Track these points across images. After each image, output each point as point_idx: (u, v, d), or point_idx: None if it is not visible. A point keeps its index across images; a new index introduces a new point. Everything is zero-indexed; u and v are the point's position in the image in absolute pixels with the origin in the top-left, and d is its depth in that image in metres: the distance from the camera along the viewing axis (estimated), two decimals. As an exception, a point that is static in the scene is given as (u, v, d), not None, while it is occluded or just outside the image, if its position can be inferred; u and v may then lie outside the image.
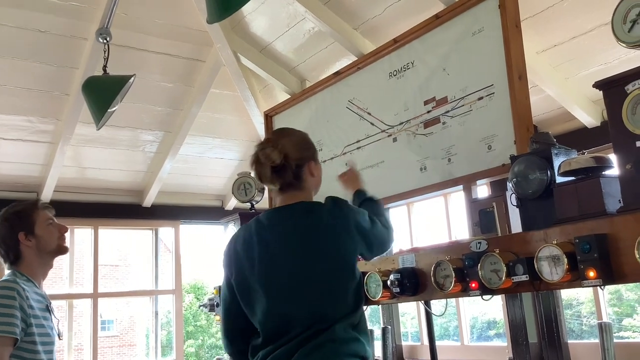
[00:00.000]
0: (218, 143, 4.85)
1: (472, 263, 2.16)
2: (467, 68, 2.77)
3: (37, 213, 2.47)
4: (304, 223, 1.92)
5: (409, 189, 3.05)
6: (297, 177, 1.97)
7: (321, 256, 1.87)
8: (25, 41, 3.59)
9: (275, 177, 1.94)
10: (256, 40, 4.03)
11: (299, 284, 1.84)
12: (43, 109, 4.01)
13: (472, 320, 11.54)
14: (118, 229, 5.23)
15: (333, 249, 1.88)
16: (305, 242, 1.88)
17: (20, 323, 2.20)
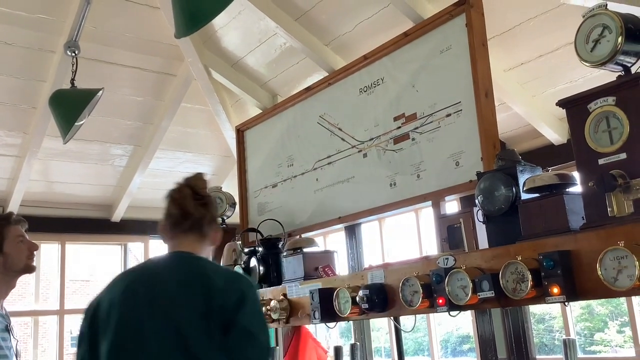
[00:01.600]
0: (189, 157, 4.81)
1: (439, 279, 2.16)
2: (436, 85, 2.80)
3: (8, 229, 2.39)
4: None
5: (380, 204, 3.05)
6: (210, 225, 1.86)
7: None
8: (-9, 53, 3.54)
9: (198, 207, 1.82)
10: (227, 54, 4.02)
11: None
12: (10, 122, 3.94)
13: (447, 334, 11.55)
14: (86, 244, 5.14)
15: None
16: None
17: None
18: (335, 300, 2.61)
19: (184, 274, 1.75)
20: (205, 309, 1.65)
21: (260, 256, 3.30)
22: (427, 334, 3.99)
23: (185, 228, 1.81)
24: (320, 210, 3.43)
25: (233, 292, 1.68)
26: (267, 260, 3.27)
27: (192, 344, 1.62)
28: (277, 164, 3.75)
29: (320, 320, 2.68)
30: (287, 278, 3.09)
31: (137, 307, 1.69)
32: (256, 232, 3.48)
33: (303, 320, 2.93)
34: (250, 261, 3.35)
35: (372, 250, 4.25)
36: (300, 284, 2.93)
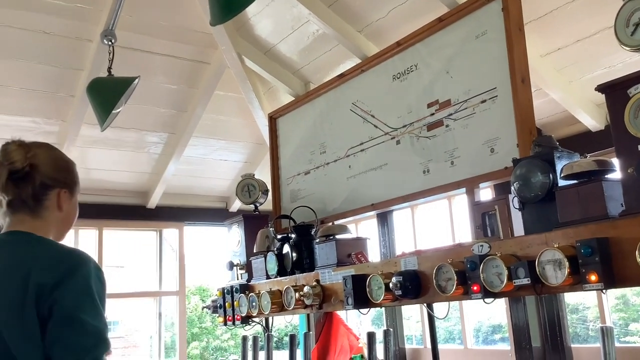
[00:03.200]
0: (222, 145, 4.86)
1: (474, 266, 2.15)
2: (471, 71, 2.77)
3: None
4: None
5: (413, 191, 3.04)
6: (36, 198, 1.59)
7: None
8: (31, 43, 3.62)
9: (9, 186, 1.57)
10: (260, 42, 4.04)
11: None
12: (48, 110, 4.03)
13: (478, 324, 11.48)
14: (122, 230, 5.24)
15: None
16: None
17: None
18: (368, 286, 2.62)
19: (7, 259, 1.52)
20: (22, 298, 1.41)
21: (293, 243, 3.32)
22: (459, 322, 3.98)
23: (8, 208, 1.60)
24: (353, 197, 3.43)
25: (55, 272, 1.45)
26: (300, 246, 3.29)
27: (10, 344, 1.40)
28: (310, 151, 3.77)
29: (353, 307, 2.69)
30: (320, 264, 3.11)
31: None
32: (289, 219, 3.50)
33: (336, 306, 2.95)
34: (283, 247, 3.37)
35: (403, 238, 4.25)
36: (333, 270, 2.95)
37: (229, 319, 3.66)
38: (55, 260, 1.50)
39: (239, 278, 3.82)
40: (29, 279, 1.43)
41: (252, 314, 3.40)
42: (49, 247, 1.57)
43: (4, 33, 3.51)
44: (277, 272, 3.34)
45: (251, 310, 3.37)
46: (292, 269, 3.27)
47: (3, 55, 3.63)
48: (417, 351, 4.03)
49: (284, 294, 3.16)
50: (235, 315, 3.58)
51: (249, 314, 3.42)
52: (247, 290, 3.51)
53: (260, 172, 4.74)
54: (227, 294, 3.68)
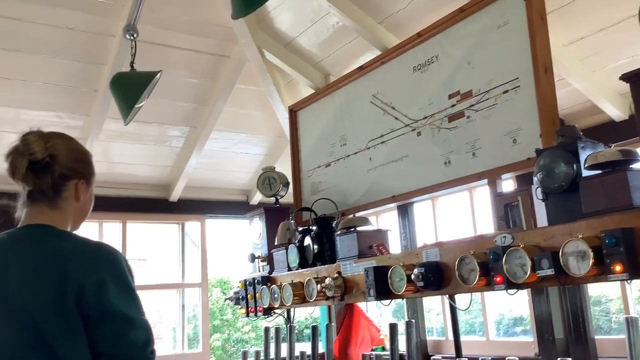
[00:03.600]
0: (243, 138, 4.89)
1: (496, 257, 2.15)
2: (492, 61, 2.75)
3: None
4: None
5: (433, 183, 3.04)
6: (55, 189, 1.61)
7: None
8: (54, 38, 3.67)
9: (30, 176, 1.57)
10: (280, 35, 4.05)
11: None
12: (72, 105, 4.09)
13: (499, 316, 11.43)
14: (145, 223, 5.30)
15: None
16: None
17: None
18: (389, 278, 2.63)
19: (35, 254, 1.53)
20: (62, 297, 1.45)
21: (314, 235, 3.34)
22: (480, 314, 3.97)
23: (28, 199, 1.61)
24: (374, 189, 3.44)
25: (95, 272, 1.49)
26: (321, 238, 3.30)
27: (52, 341, 1.43)
28: (330, 144, 3.78)
29: (375, 298, 2.70)
30: (341, 256, 3.12)
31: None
32: (310, 212, 3.52)
33: (358, 298, 2.96)
34: (304, 240, 3.39)
35: (424, 230, 4.24)
36: (354, 262, 2.96)
37: (251, 311, 3.70)
38: (90, 259, 1.52)
39: (260, 270, 3.85)
40: (67, 277, 1.46)
41: (274, 306, 3.43)
42: (78, 243, 1.58)
43: (29, 29, 3.56)
44: (299, 264, 3.36)
45: (273, 302, 3.39)
46: (314, 261, 3.29)
47: (28, 50, 3.68)
48: (439, 343, 4.03)
49: (305, 286, 3.17)
50: (258, 306, 3.61)
51: (270, 305, 3.45)
52: (269, 282, 3.54)
53: (280, 164, 4.76)
54: (249, 285, 3.71)
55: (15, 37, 3.58)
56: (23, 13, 3.48)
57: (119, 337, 1.48)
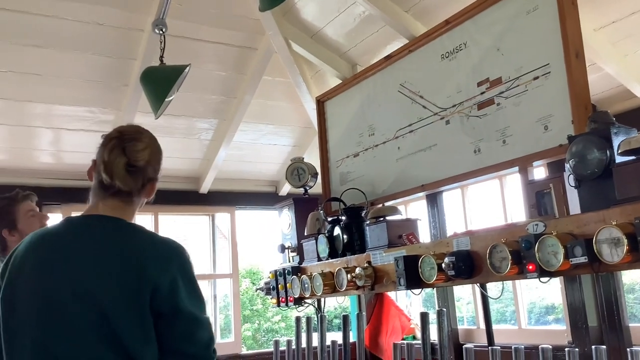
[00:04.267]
0: (271, 129, 4.91)
1: (529, 245, 2.14)
2: (522, 47, 2.72)
3: (17, 207, 2.63)
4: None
5: (463, 171, 3.02)
6: (139, 190, 1.69)
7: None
8: (85, 34, 3.72)
9: (127, 178, 1.64)
10: (307, 26, 4.05)
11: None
12: (104, 100, 4.15)
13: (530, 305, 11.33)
14: (176, 215, 5.37)
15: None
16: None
17: None
18: (420, 267, 2.63)
19: (112, 247, 1.58)
20: (138, 291, 1.50)
21: (344, 225, 3.35)
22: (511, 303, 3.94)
23: (112, 192, 1.65)
24: (402, 178, 3.43)
25: (168, 271, 1.55)
26: (351, 228, 3.32)
27: (121, 334, 1.48)
28: (358, 134, 3.78)
29: (405, 287, 2.70)
30: (371, 246, 3.13)
31: (58, 292, 1.52)
32: (339, 202, 3.53)
33: (388, 287, 2.97)
34: (333, 230, 3.41)
35: (454, 218, 4.22)
36: (384, 251, 2.97)
37: (282, 301, 3.73)
38: (165, 258, 1.59)
39: (290, 260, 3.88)
40: (144, 275, 1.53)
41: (304, 296, 3.46)
42: (152, 239, 1.65)
43: (60, 25, 3.62)
44: (328, 254, 3.38)
45: (303, 292, 3.42)
46: (343, 251, 3.31)
47: (59, 47, 3.75)
48: (470, 332, 4.02)
49: (335, 276, 3.19)
50: (288, 296, 3.65)
51: (301, 295, 3.48)
52: (299, 272, 3.57)
53: (309, 155, 4.77)
54: (280, 276, 3.75)
55: (47, 33, 3.65)
56: (54, 10, 3.54)
57: (186, 336, 1.55)
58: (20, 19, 3.52)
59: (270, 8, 2.37)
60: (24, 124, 4.14)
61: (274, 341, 3.73)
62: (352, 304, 5.12)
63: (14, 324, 1.56)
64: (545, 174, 3.15)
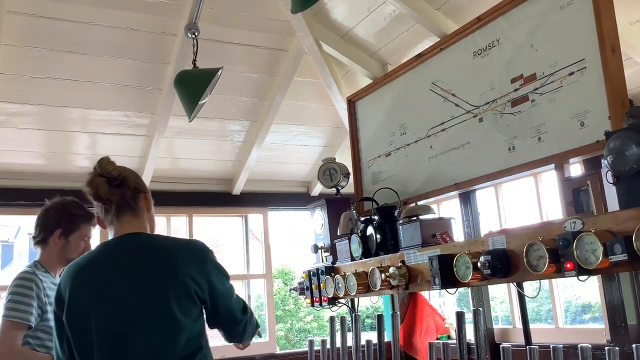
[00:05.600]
0: (302, 130, 4.93)
1: (566, 243, 2.11)
2: (556, 43, 2.69)
3: (84, 225, 2.77)
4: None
5: (497, 169, 3.00)
6: (134, 199, 1.96)
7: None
8: (119, 39, 3.79)
9: (113, 191, 1.91)
10: (337, 26, 4.06)
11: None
12: (138, 104, 4.21)
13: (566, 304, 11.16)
14: (210, 217, 5.43)
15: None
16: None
17: (35, 311, 2.54)
18: (455, 266, 2.62)
19: (145, 257, 1.88)
20: (178, 289, 1.82)
21: (377, 224, 3.35)
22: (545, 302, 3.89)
23: (116, 212, 1.93)
24: (435, 177, 3.42)
25: (202, 268, 1.88)
26: (384, 228, 3.32)
27: (177, 319, 1.80)
28: (390, 133, 3.77)
29: (440, 287, 2.69)
30: (404, 245, 3.12)
31: (119, 304, 1.81)
32: (371, 201, 3.53)
33: (423, 286, 2.96)
34: (366, 230, 3.41)
35: (487, 217, 4.18)
36: (418, 250, 2.96)
37: (315, 300, 3.75)
38: (194, 256, 1.90)
39: (323, 260, 3.89)
40: (178, 275, 1.83)
41: (338, 295, 3.47)
42: (175, 244, 1.94)
43: (96, 32, 3.70)
44: (362, 254, 3.38)
45: (337, 292, 3.43)
46: (376, 250, 3.31)
47: (95, 52, 3.82)
48: (506, 331, 3.98)
49: (369, 275, 3.19)
50: (322, 296, 3.66)
51: (335, 295, 3.49)
52: (333, 272, 3.58)
53: (340, 155, 4.78)
54: (313, 276, 3.76)
55: (83, 40, 3.72)
56: (90, 16, 3.62)
57: (228, 310, 1.97)
58: (57, 26, 3.60)
59: (302, 10, 2.39)
60: (62, 129, 4.23)
61: (309, 341, 3.74)
62: (386, 303, 5.12)
63: (83, 335, 1.82)
64: (581, 170, 3.11)
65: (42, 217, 2.76)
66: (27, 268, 2.68)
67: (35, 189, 4.34)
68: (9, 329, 2.50)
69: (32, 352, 2.55)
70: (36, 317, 2.55)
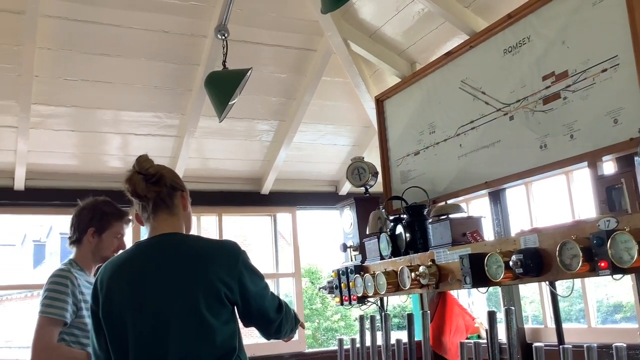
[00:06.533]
0: (330, 130, 4.95)
1: (600, 242, 2.09)
2: (588, 40, 2.66)
3: (116, 223, 2.81)
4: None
5: (528, 167, 2.98)
6: (170, 197, 1.99)
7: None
8: (151, 42, 3.85)
9: (150, 188, 1.95)
10: (365, 26, 4.07)
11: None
12: (169, 105, 4.27)
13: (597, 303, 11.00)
14: (239, 216, 5.47)
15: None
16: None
17: (70, 307, 2.58)
18: (486, 265, 2.61)
19: (178, 258, 1.90)
20: (204, 286, 1.84)
21: (406, 223, 3.35)
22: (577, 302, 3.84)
23: (153, 209, 1.97)
24: (464, 176, 3.41)
25: (233, 269, 1.89)
26: (413, 227, 3.31)
27: (207, 321, 1.82)
28: (419, 132, 3.77)
29: (471, 285, 2.68)
30: (434, 244, 3.12)
31: (150, 303, 1.85)
32: (400, 200, 3.53)
33: (453, 285, 2.95)
34: (395, 228, 3.41)
35: (517, 216, 4.14)
36: (448, 249, 2.95)
37: (345, 299, 3.76)
38: (227, 258, 1.91)
39: (352, 259, 3.90)
40: (210, 276, 1.85)
41: (367, 294, 3.47)
42: (209, 244, 1.97)
43: (128, 34, 3.76)
44: (391, 253, 3.38)
45: (367, 291, 3.44)
46: (406, 249, 3.30)
47: (127, 55, 3.89)
48: (537, 331, 3.94)
49: (399, 274, 3.19)
50: (352, 295, 3.67)
51: (364, 294, 3.50)
52: (362, 271, 3.58)
53: (368, 154, 4.79)
54: (342, 275, 3.77)
55: (116, 43, 3.79)
56: (122, 19, 3.68)
57: (261, 310, 1.97)
58: (90, 30, 3.67)
59: (333, 10, 2.40)
60: (94, 130, 4.31)
61: (338, 339, 3.75)
62: (415, 303, 5.10)
63: (120, 331, 1.86)
64: (614, 168, 3.06)
65: (75, 218, 2.82)
66: (62, 266, 2.75)
67: (69, 190, 4.43)
68: (46, 324, 2.56)
69: (69, 349, 2.60)
70: (71, 314, 2.61)
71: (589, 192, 2.61)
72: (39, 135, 4.14)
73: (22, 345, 14.05)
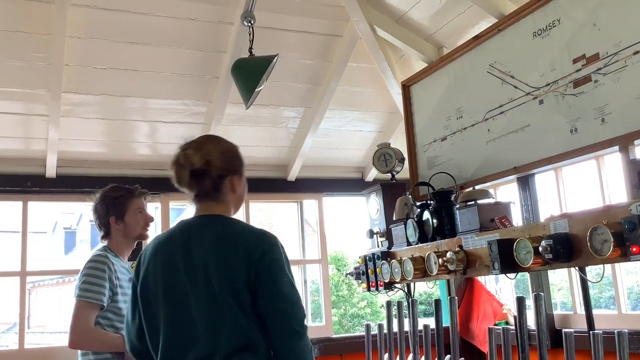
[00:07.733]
0: (356, 116, 4.93)
1: (632, 227, 2.06)
2: (620, 21, 2.61)
3: (131, 201, 2.86)
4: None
5: (558, 152, 2.94)
6: (216, 188, 1.96)
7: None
8: (178, 29, 3.87)
9: (193, 183, 1.93)
10: (391, 10, 4.03)
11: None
12: (196, 93, 4.29)
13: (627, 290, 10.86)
14: (266, 203, 5.50)
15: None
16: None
17: (107, 292, 2.66)
18: (515, 250, 2.59)
19: (210, 239, 1.89)
20: (231, 272, 1.83)
21: (433, 209, 3.34)
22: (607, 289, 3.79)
23: (196, 199, 1.98)
24: (493, 161, 3.38)
25: (262, 258, 1.85)
26: (440, 212, 3.30)
27: (233, 308, 1.81)
28: (446, 117, 3.74)
29: (500, 271, 2.67)
30: (462, 230, 3.10)
31: (179, 282, 1.87)
32: (427, 186, 3.51)
33: (481, 271, 2.94)
34: (422, 214, 3.40)
35: (546, 201, 4.09)
36: (476, 235, 2.94)
37: (372, 285, 3.77)
38: (260, 247, 1.87)
39: (379, 245, 3.90)
40: (245, 261, 1.83)
41: (394, 280, 3.48)
42: (248, 231, 1.94)
43: (155, 22, 3.79)
44: (418, 239, 3.38)
45: (394, 277, 3.44)
46: (433, 235, 3.30)
47: (155, 43, 3.91)
48: (566, 317, 3.90)
49: (426, 260, 3.19)
50: (378, 281, 3.68)
51: (391, 280, 3.50)
52: (389, 257, 3.59)
53: (394, 140, 4.76)
54: (369, 261, 3.78)
55: (143, 31, 3.82)
56: (149, 7, 3.71)
57: (278, 313, 1.84)
58: (119, 18, 3.71)
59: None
60: (123, 118, 4.36)
61: (366, 325, 3.77)
62: (442, 289, 5.09)
63: (154, 308, 1.91)
64: (647, 152, 3.01)
65: (95, 215, 2.91)
66: (98, 251, 2.82)
67: (98, 177, 4.48)
68: (84, 308, 2.63)
69: (105, 332, 2.67)
70: (108, 298, 2.67)
71: (620, 176, 2.57)
72: (69, 123, 4.20)
73: (54, 331, 14.39)
